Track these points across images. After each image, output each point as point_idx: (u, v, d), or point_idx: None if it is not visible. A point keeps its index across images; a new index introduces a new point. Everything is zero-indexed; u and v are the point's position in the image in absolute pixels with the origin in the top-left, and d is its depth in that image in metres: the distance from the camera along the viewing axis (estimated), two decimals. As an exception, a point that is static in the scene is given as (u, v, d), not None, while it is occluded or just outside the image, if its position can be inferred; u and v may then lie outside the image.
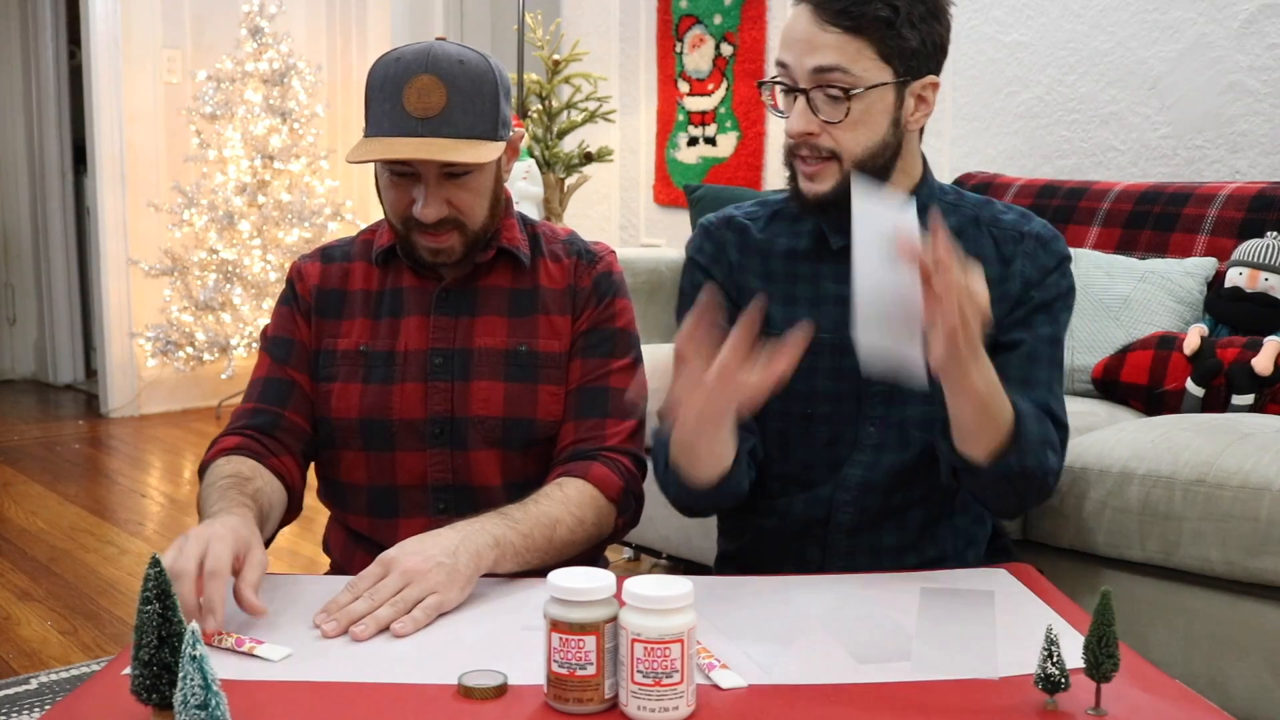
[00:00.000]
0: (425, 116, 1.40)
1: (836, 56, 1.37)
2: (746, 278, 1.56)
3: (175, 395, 5.19)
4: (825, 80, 1.38)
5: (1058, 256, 1.53)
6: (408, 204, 1.45)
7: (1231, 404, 2.07)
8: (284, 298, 1.60)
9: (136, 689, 0.96)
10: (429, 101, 1.41)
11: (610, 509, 1.50)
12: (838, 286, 1.52)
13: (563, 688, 1.01)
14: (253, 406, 1.55)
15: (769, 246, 1.56)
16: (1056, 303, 1.52)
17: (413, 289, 1.55)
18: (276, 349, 1.57)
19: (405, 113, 1.41)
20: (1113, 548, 1.78)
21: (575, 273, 1.56)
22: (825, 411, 1.53)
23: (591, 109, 3.80)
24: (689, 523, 1.71)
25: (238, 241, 4.80)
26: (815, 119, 1.40)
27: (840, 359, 1.51)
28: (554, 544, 1.41)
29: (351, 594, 1.23)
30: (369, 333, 1.54)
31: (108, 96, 4.89)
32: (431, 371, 1.51)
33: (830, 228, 1.53)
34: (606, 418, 1.54)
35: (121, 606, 2.75)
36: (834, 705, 1.04)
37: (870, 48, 1.38)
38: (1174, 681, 1.10)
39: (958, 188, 1.58)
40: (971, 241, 1.53)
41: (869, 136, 1.42)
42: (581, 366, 1.55)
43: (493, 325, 1.53)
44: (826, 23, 1.37)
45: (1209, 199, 2.48)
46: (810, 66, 1.38)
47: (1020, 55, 3.24)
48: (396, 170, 1.45)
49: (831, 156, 1.42)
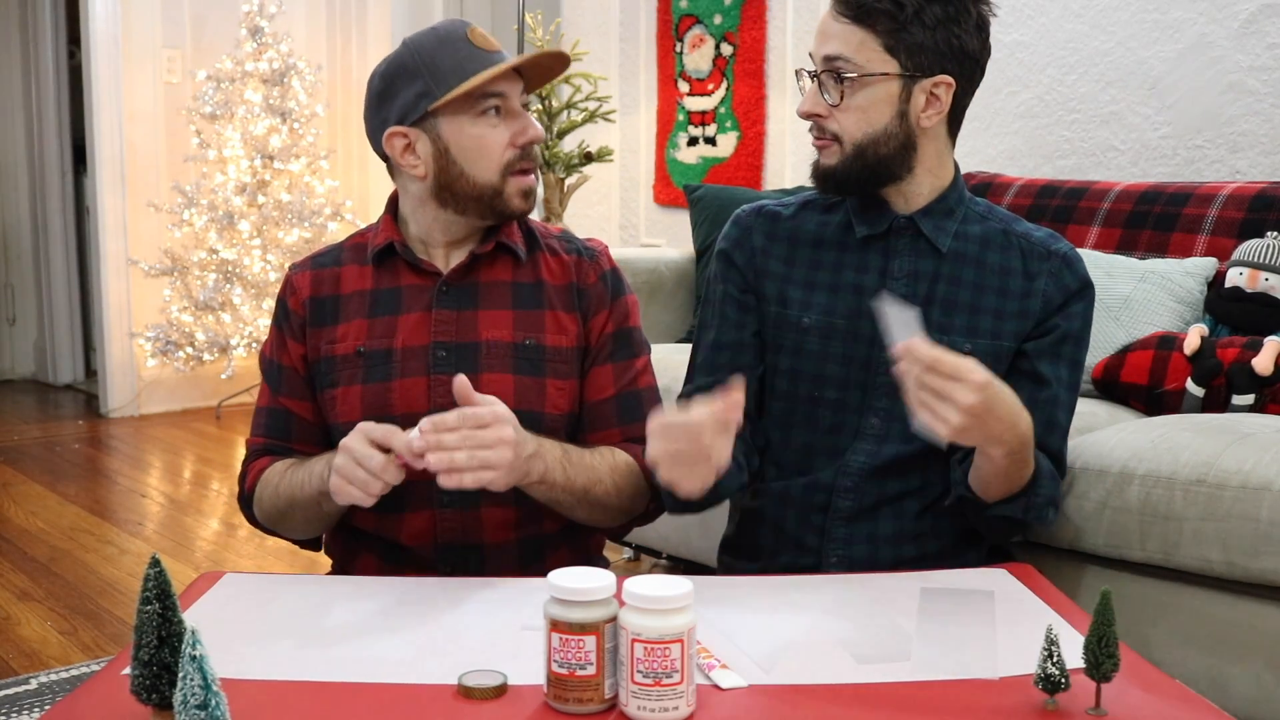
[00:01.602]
0: (495, 51, 1.50)
1: (841, 45, 1.48)
2: (768, 262, 1.60)
3: (175, 395, 5.18)
4: (832, 67, 1.48)
5: (1082, 281, 1.57)
6: (506, 142, 1.51)
7: (1232, 404, 2.07)
8: (275, 316, 1.62)
9: (136, 689, 0.96)
10: (490, 42, 1.51)
11: (647, 491, 1.55)
12: (858, 275, 1.56)
13: (563, 688, 1.01)
14: (263, 442, 1.60)
15: (797, 232, 1.61)
16: (1082, 336, 1.57)
17: (411, 286, 1.55)
18: (270, 376, 1.61)
19: (480, 49, 1.49)
20: (1113, 548, 1.78)
21: (578, 270, 1.58)
22: (831, 396, 1.55)
23: (591, 109, 3.80)
24: (689, 522, 1.71)
25: (238, 241, 4.80)
26: (822, 102, 1.51)
27: (851, 346, 1.54)
28: (587, 497, 1.48)
29: (459, 418, 1.32)
30: (365, 333, 1.54)
31: (108, 96, 4.88)
32: (435, 364, 1.51)
33: (858, 218, 1.57)
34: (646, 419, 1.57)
35: (121, 606, 2.75)
36: (834, 705, 1.04)
37: (875, 39, 1.47)
38: (1174, 681, 1.11)
39: (990, 203, 1.62)
40: (999, 251, 1.56)
41: (869, 123, 1.49)
42: (613, 372, 1.58)
43: (498, 318, 1.53)
44: (838, 14, 1.49)
45: (1209, 199, 2.48)
46: (822, 54, 1.50)
47: (1020, 55, 3.24)
48: (492, 107, 1.50)
49: (835, 138, 1.51)
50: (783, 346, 1.58)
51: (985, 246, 1.56)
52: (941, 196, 1.54)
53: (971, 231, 1.56)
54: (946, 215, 1.55)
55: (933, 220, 1.54)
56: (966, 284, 1.54)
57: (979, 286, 1.54)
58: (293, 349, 1.58)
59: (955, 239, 1.54)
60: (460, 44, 1.48)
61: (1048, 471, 1.49)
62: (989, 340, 1.53)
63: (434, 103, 1.47)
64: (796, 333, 1.56)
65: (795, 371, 1.57)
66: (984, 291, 1.53)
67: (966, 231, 1.55)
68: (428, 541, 1.51)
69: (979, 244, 1.55)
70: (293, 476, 1.48)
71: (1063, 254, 1.57)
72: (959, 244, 1.54)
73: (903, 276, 1.54)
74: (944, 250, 1.53)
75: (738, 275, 1.61)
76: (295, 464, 1.50)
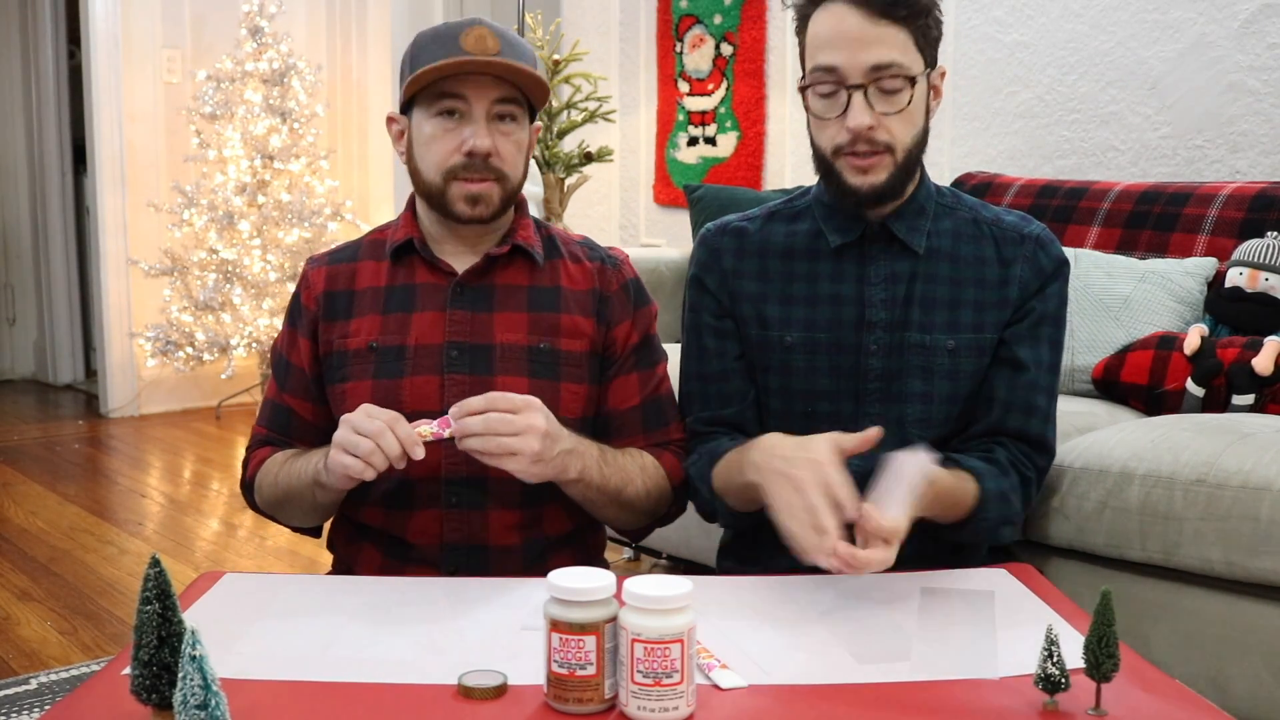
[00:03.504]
0: (484, 55, 1.43)
1: (892, 50, 1.39)
2: (741, 282, 1.57)
3: (175, 395, 5.19)
4: (883, 75, 1.39)
5: (1057, 261, 1.55)
6: (454, 147, 1.47)
7: (1232, 404, 2.07)
8: (289, 312, 1.63)
9: (136, 689, 0.96)
10: (486, 45, 1.45)
11: (671, 495, 1.58)
12: (834, 285, 1.54)
13: (563, 688, 1.01)
14: (265, 433, 1.63)
15: (765, 246, 1.57)
16: (1060, 315, 1.56)
17: (426, 285, 1.55)
18: (278, 370, 1.63)
19: (464, 51, 1.44)
20: (1113, 548, 1.78)
21: (600, 277, 1.58)
22: (825, 410, 1.54)
23: (591, 109, 3.80)
24: (689, 522, 1.71)
25: (238, 241, 4.80)
26: (873, 112, 1.41)
27: (838, 357, 1.53)
28: (620, 498, 1.50)
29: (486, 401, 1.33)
30: (378, 328, 1.54)
31: (107, 96, 4.89)
32: (448, 364, 1.51)
33: (829, 225, 1.54)
34: (669, 424, 1.62)
35: (121, 606, 2.75)
36: (834, 705, 1.04)
37: (911, 39, 1.41)
38: (1174, 681, 1.10)
39: (954, 189, 1.60)
40: (971, 242, 1.54)
41: (915, 126, 1.45)
42: (639, 380, 1.59)
43: (513, 321, 1.53)
44: (879, 16, 1.38)
45: (1209, 199, 2.48)
46: (868, 64, 1.39)
47: (1020, 55, 3.24)
48: (447, 109, 1.47)
49: (887, 149, 1.43)
50: (769, 367, 1.56)
51: (958, 240, 1.53)
52: (911, 196, 1.52)
53: (943, 227, 1.54)
54: (918, 214, 1.52)
55: (905, 222, 1.51)
56: (943, 280, 1.52)
57: (956, 281, 1.52)
58: (303, 346, 1.58)
59: (928, 237, 1.52)
60: (449, 41, 1.45)
61: (994, 494, 1.46)
62: (971, 334, 1.52)
63: (402, 93, 1.50)
64: (781, 351, 1.54)
65: (786, 390, 1.56)
66: (962, 285, 1.52)
67: (938, 228, 1.53)
68: (434, 541, 1.51)
69: (951, 238, 1.53)
70: (291, 466, 1.50)
71: (1036, 236, 1.54)
72: (932, 241, 1.52)
73: (880, 282, 1.52)
74: (920, 251, 1.51)
75: (711, 301, 1.58)
76: (295, 455, 1.52)
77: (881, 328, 1.51)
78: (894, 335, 1.51)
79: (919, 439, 1.51)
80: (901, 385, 1.51)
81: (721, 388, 1.58)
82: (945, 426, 1.54)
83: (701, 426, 1.59)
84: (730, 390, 1.58)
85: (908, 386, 1.51)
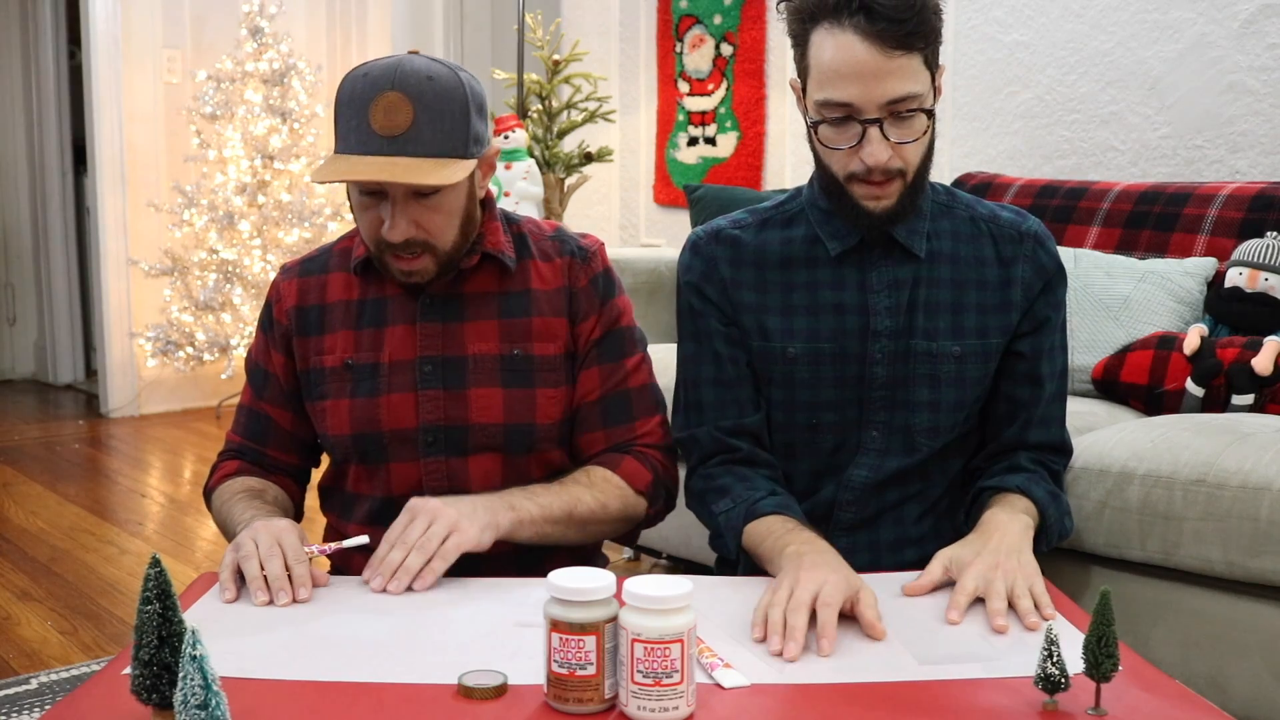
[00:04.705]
0: (391, 135, 1.37)
1: (907, 82, 1.34)
2: (740, 292, 1.53)
3: (175, 395, 5.18)
4: (901, 107, 1.35)
5: (1055, 259, 1.54)
6: (379, 224, 1.42)
7: (1231, 404, 2.07)
8: (261, 322, 1.61)
9: (136, 689, 0.96)
10: (395, 120, 1.37)
11: (638, 500, 1.55)
12: (835, 294, 1.51)
13: (563, 688, 1.01)
14: (240, 441, 1.62)
15: (762, 255, 1.54)
16: (1064, 317, 1.56)
17: (396, 297, 1.53)
18: (254, 378, 1.62)
19: (371, 131, 1.37)
20: (1113, 548, 1.78)
21: (569, 273, 1.54)
22: (830, 420, 1.52)
23: (591, 109, 3.80)
24: (689, 522, 1.70)
25: (238, 241, 4.80)
26: (889, 144, 1.38)
27: (842, 367, 1.50)
28: (575, 518, 1.47)
29: (387, 545, 1.34)
30: (352, 345, 1.53)
31: (108, 96, 4.89)
32: (421, 380, 1.51)
33: (826, 232, 1.51)
34: (634, 420, 1.57)
35: (121, 606, 2.75)
36: (834, 705, 1.04)
37: (920, 60, 1.36)
38: (1174, 681, 1.10)
39: (949, 187, 1.58)
40: (969, 242, 1.53)
41: (925, 143, 1.42)
42: (599, 374, 1.55)
43: (484, 330, 1.52)
44: (892, 49, 1.32)
45: (1209, 199, 2.48)
46: (884, 99, 1.34)
47: (1020, 55, 3.24)
48: (366, 190, 1.42)
49: (899, 174, 1.41)
50: (772, 379, 1.52)
51: (957, 240, 1.52)
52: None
53: (941, 228, 1.51)
54: (917, 217, 1.49)
55: (904, 226, 1.47)
56: (945, 283, 1.50)
57: (958, 283, 1.50)
58: (276, 358, 1.58)
59: (928, 239, 1.50)
60: (359, 112, 1.38)
61: (1047, 499, 1.49)
62: (976, 340, 1.50)
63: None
64: (784, 363, 1.51)
65: (790, 402, 1.52)
66: (964, 288, 1.50)
67: (936, 229, 1.51)
68: None
69: (950, 239, 1.51)
70: (230, 509, 1.50)
71: (1034, 234, 1.53)
72: (932, 244, 1.50)
73: (883, 288, 1.49)
74: (920, 255, 1.49)
75: (714, 309, 1.54)
76: (240, 497, 1.51)
77: (887, 335, 1.49)
78: (899, 343, 1.49)
79: (926, 447, 1.51)
80: (907, 393, 1.50)
81: (740, 394, 1.53)
82: (951, 434, 1.52)
83: (725, 436, 1.53)
84: (748, 397, 1.54)
85: (914, 395, 1.49)
